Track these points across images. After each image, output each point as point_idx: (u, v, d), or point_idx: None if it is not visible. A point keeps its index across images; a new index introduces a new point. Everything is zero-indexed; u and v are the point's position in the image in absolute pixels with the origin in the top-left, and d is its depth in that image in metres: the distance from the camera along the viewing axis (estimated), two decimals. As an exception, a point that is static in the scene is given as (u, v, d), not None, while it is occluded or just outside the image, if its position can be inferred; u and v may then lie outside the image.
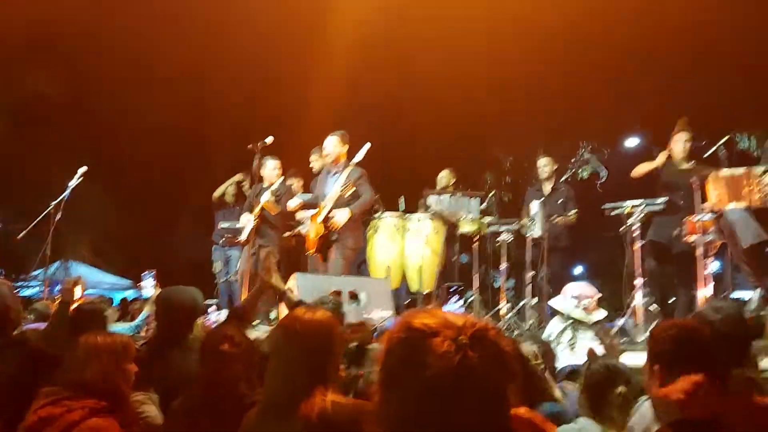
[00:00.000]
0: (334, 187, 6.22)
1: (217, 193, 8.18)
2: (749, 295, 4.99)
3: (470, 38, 8.21)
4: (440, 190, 7.30)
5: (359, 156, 6.41)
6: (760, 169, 4.43)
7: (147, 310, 5.19)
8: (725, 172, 4.63)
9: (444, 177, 7.84)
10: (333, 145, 6.33)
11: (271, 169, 6.79)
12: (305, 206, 6.66)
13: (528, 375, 2.87)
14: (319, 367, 2.13)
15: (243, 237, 6.89)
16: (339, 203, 6.14)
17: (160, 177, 9.59)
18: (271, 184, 6.67)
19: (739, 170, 4.55)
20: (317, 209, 6.32)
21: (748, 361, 2.64)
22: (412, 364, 1.13)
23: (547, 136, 10.10)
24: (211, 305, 7.07)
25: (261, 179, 6.73)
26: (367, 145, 6.41)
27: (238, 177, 8.18)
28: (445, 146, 9.70)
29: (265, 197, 6.48)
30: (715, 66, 8.02)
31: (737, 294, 5.79)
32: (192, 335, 3.34)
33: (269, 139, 6.40)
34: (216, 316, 6.67)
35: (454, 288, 7.28)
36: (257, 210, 6.55)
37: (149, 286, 6.26)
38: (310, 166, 7.42)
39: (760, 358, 3.01)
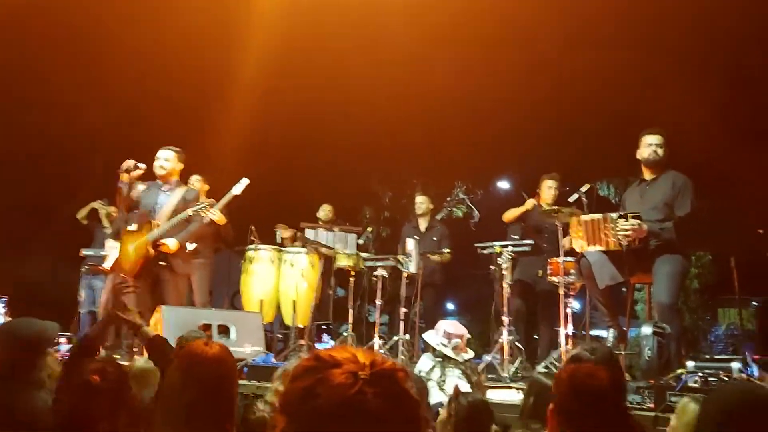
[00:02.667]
0: (167, 204, 5.70)
1: (79, 215, 7.74)
2: (604, 334, 5.31)
3: (354, 74, 8.30)
4: (318, 224, 7.27)
5: (237, 190, 6.07)
6: (616, 214, 4.74)
7: None
8: (585, 217, 4.93)
9: (323, 211, 7.84)
10: (171, 159, 5.76)
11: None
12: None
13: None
14: (227, 408, 2.04)
15: (107, 265, 6.51)
16: (172, 223, 5.57)
17: (23, 195, 8.92)
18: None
19: (598, 216, 4.84)
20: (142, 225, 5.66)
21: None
22: (307, 394, 1.10)
23: (425, 174, 10.40)
24: (62, 336, 6.57)
25: (130, 206, 6.25)
26: (245, 181, 6.15)
27: (97, 204, 7.75)
28: (324, 180, 9.71)
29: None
30: (581, 118, 8.60)
31: (594, 332, 6.16)
32: (42, 370, 3.07)
33: (143, 166, 5.76)
34: (67, 348, 6.22)
35: (326, 326, 7.24)
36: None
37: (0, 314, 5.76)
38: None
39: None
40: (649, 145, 4.93)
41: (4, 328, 3.27)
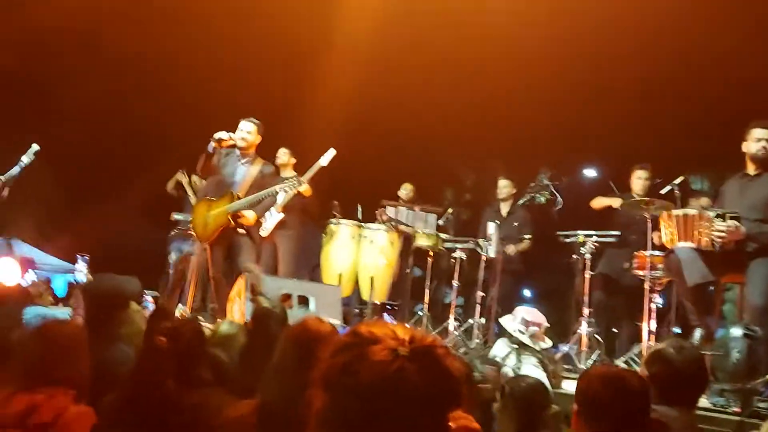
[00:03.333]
0: (245, 177, 5.83)
1: (168, 187, 8.07)
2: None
3: (442, 60, 8.25)
4: (399, 202, 7.30)
5: (324, 161, 6.28)
6: (713, 212, 4.52)
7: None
8: (678, 211, 4.73)
9: (405, 190, 7.86)
10: (252, 132, 5.87)
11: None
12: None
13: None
14: None
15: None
16: (258, 197, 5.73)
17: (112, 162, 9.34)
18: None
19: (693, 211, 4.65)
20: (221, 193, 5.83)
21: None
22: (346, 370, 1.12)
23: (509, 158, 10.22)
24: (149, 295, 6.88)
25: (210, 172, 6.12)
26: (332, 151, 6.29)
27: (179, 175, 8.04)
28: (408, 160, 9.71)
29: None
30: (672, 107, 8.25)
31: (679, 330, 5.94)
32: (121, 325, 3.22)
33: (236, 136, 5.84)
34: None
35: (390, 306, 7.27)
36: None
37: (82, 271, 6.06)
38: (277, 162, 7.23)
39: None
40: (759, 140, 4.63)
41: (87, 283, 3.47)
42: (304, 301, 5.53)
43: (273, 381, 2.13)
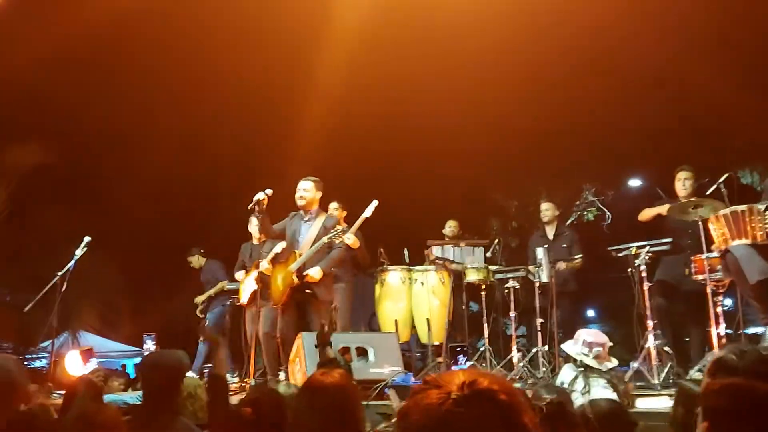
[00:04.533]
0: (308, 234, 5.94)
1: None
2: (761, 331, 4.91)
3: (466, 84, 8.31)
4: (444, 240, 7.29)
5: (368, 212, 6.39)
6: (762, 205, 4.39)
7: None
8: (724, 210, 4.60)
9: (449, 227, 7.84)
10: (310, 189, 6.00)
11: (253, 226, 6.82)
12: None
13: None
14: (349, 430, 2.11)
15: (244, 299, 6.90)
16: (312, 251, 5.80)
17: (163, 240, 9.62)
18: (262, 243, 6.65)
19: (741, 207, 4.52)
20: (287, 256, 5.99)
21: None
22: (405, 413, 1.15)
23: (550, 179, 10.15)
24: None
25: (270, 235, 6.39)
26: (375, 203, 6.38)
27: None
28: (449, 196, 9.73)
29: (263, 265, 6.35)
30: (715, 102, 8.09)
31: (750, 330, 5.70)
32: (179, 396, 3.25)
33: (261, 195, 5.90)
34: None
35: (460, 347, 7.19)
36: (256, 274, 6.43)
37: (150, 349, 6.20)
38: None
39: None
40: None
41: (144, 360, 3.52)
42: (363, 352, 5.53)
43: None
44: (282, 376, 6.03)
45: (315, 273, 5.72)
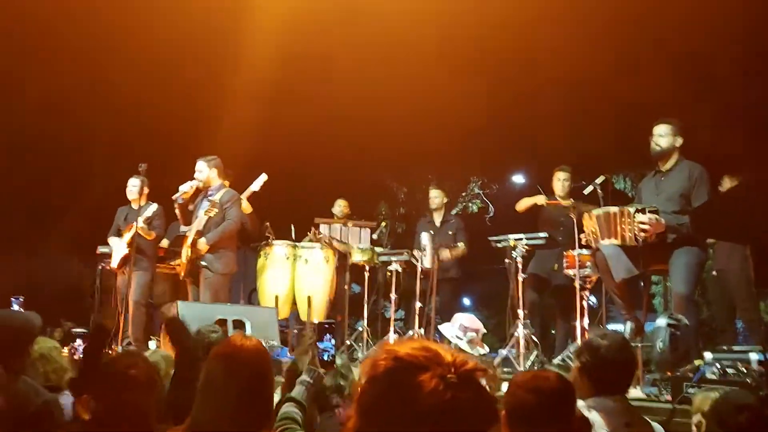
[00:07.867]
0: (201, 209, 6.10)
1: None
2: (621, 328, 5.26)
3: (366, 70, 8.29)
4: (332, 219, 7.28)
5: (255, 186, 6.50)
6: (633, 208, 4.68)
7: None
8: (598, 210, 4.88)
9: (338, 207, 7.83)
10: (202, 169, 6.25)
11: (131, 188, 6.75)
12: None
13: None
14: (268, 398, 2.07)
15: (114, 263, 6.65)
16: (208, 225, 6.01)
17: (32, 195, 9.02)
18: (140, 207, 6.49)
19: (614, 209, 4.79)
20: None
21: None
22: (400, 397, 1.11)
23: (440, 169, 10.37)
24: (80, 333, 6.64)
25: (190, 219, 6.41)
26: (264, 176, 6.49)
27: None
28: (340, 176, 9.71)
29: (139, 223, 6.37)
30: (596, 111, 8.53)
31: (611, 326, 6.10)
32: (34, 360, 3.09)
33: (186, 187, 6.21)
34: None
35: (328, 324, 7.22)
36: (129, 236, 6.39)
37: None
38: None
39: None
40: (653, 136, 4.89)
41: None
42: (240, 325, 5.43)
43: (201, 401, 2.08)
44: (153, 345, 5.90)
45: (200, 245, 5.95)
